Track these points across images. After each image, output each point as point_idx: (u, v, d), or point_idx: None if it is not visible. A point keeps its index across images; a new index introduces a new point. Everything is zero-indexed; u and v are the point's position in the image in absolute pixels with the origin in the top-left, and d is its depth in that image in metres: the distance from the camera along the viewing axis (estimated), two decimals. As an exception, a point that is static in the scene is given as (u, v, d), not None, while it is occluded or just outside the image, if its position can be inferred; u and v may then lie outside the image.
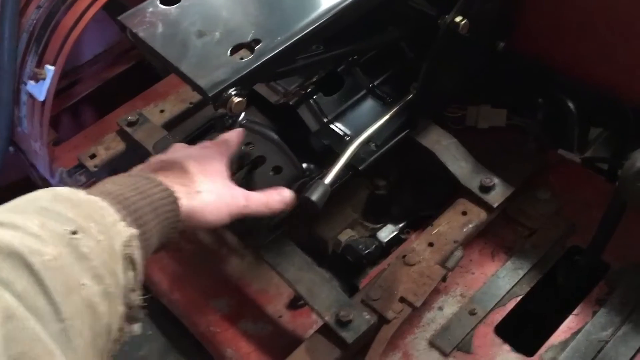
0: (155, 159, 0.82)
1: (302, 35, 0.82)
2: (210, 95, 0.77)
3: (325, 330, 0.92)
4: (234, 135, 0.91)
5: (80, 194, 0.61)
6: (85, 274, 0.54)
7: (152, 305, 1.07)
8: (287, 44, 0.80)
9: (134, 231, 0.61)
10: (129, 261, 0.59)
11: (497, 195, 1.03)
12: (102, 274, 0.55)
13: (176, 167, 0.77)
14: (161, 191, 0.69)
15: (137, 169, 0.79)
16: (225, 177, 0.82)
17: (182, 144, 0.88)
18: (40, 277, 0.50)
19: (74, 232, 0.55)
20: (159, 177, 0.71)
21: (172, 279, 1.08)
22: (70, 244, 0.54)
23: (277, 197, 0.87)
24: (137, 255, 0.60)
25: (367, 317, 0.90)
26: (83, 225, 0.56)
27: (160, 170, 0.75)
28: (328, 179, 0.93)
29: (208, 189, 0.77)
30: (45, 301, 0.49)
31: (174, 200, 0.70)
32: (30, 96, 1.22)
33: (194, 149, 0.85)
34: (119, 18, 0.86)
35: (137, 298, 0.60)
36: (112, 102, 1.40)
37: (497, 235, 1.08)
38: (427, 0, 1.06)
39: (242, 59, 0.79)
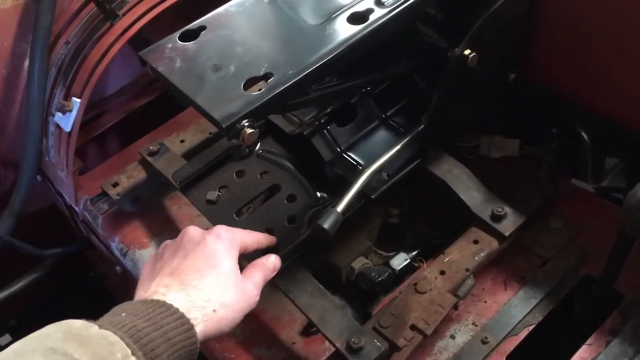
0: (168, 256, 0.80)
1: (313, 70, 0.85)
2: (224, 126, 0.80)
3: (336, 357, 0.93)
4: (254, 237, 0.90)
5: (92, 330, 0.62)
6: None
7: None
8: (297, 78, 0.84)
9: None
10: None
11: (509, 224, 1.04)
12: None
13: (188, 281, 0.76)
14: (176, 319, 0.69)
15: (150, 267, 0.80)
16: (237, 275, 0.81)
17: (195, 230, 0.83)
18: None
19: None
20: (173, 297, 0.72)
21: (188, 305, 1.10)
22: None
23: (272, 267, 0.89)
24: None
25: (378, 344, 0.90)
26: None
27: (173, 284, 0.75)
28: (340, 207, 0.95)
29: (222, 302, 0.76)
30: None
31: (189, 329, 0.70)
32: (58, 127, 1.27)
33: (207, 244, 0.81)
34: (139, 54, 0.90)
35: None
36: (136, 132, 1.44)
37: (510, 264, 1.08)
38: (438, 33, 1.09)
39: (254, 92, 0.82)
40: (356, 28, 0.90)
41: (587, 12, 1.01)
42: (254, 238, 0.90)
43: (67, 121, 1.24)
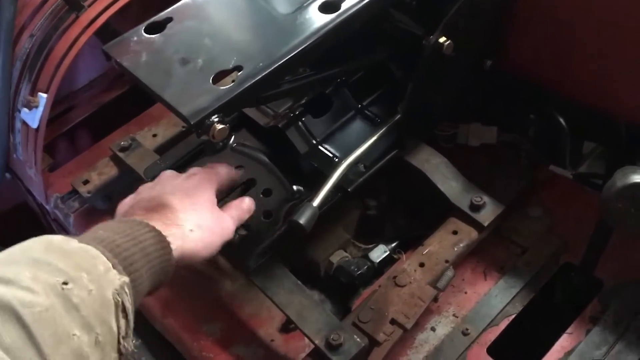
0: (145, 192, 0.83)
1: (284, 61, 0.82)
2: (192, 122, 0.77)
3: (316, 354, 0.92)
4: (224, 166, 0.92)
5: (72, 243, 0.62)
6: (76, 324, 0.55)
7: (145, 331, 1.09)
8: (268, 70, 0.81)
9: (125, 279, 0.62)
10: (121, 309, 0.60)
11: (488, 214, 1.03)
12: (93, 323, 0.56)
13: (165, 204, 0.78)
14: (153, 237, 0.70)
15: (127, 205, 0.82)
16: (213, 205, 0.84)
17: (170, 173, 0.89)
18: (29, 330, 0.51)
19: (65, 283, 0.56)
20: (151, 219, 0.72)
21: (164, 304, 1.08)
22: (61, 295, 0.55)
23: (245, 207, 0.90)
24: (129, 302, 0.61)
25: (357, 340, 0.89)
26: (74, 276, 0.57)
27: (151, 210, 0.76)
28: (316, 202, 0.93)
29: (199, 224, 0.78)
30: (33, 353, 0.50)
31: (166, 245, 0.71)
32: (24, 123, 1.23)
33: (182, 180, 0.85)
34: (103, 48, 0.87)
35: (129, 345, 0.61)
36: (107, 126, 1.41)
37: (489, 253, 1.07)
38: (413, 20, 1.07)
39: (224, 86, 0.80)
40: (328, 17, 0.88)
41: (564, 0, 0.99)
42: (229, 174, 0.93)
43: (33, 117, 1.20)
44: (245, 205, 0.90)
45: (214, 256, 1.08)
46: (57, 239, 0.62)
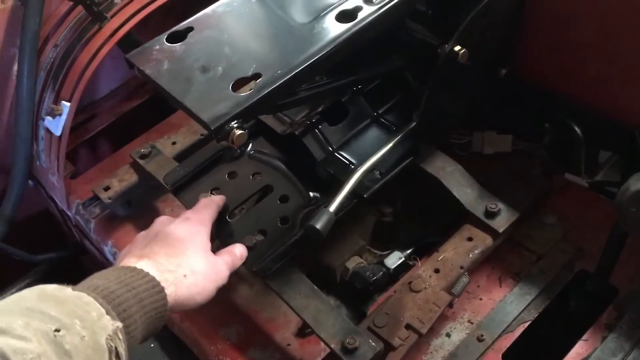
0: (139, 239, 0.85)
1: (302, 69, 0.84)
2: (212, 128, 0.79)
3: (332, 358, 0.93)
4: (214, 202, 0.94)
5: (66, 291, 0.64)
6: None
7: (163, 334, 1.10)
8: (286, 78, 0.83)
9: (118, 324, 0.63)
10: (115, 354, 0.62)
11: (503, 221, 1.03)
12: None
13: (159, 251, 0.79)
14: (147, 283, 0.71)
15: (125, 252, 0.82)
16: (207, 251, 0.84)
17: (165, 218, 0.89)
18: None
19: (57, 330, 0.58)
20: (145, 266, 0.73)
21: (182, 308, 1.09)
22: (53, 342, 0.57)
23: (238, 254, 0.91)
24: (122, 348, 0.63)
25: (373, 344, 0.90)
26: (67, 323, 0.59)
27: (144, 257, 0.77)
28: (332, 207, 0.94)
29: (192, 269, 0.79)
30: None
31: (160, 291, 0.72)
32: (48, 131, 1.26)
33: (175, 225, 0.85)
34: (126, 56, 0.89)
35: None
36: (128, 135, 1.44)
37: (504, 260, 1.08)
38: (428, 29, 1.08)
39: (243, 93, 0.82)
40: (345, 26, 0.89)
41: (576, 7, 1.00)
42: (217, 205, 0.94)
43: (57, 125, 1.23)
44: (237, 251, 0.90)
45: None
46: (50, 287, 0.64)
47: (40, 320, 0.58)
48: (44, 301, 0.61)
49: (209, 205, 0.92)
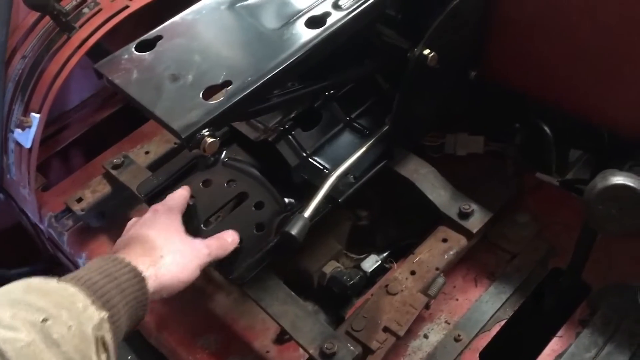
0: (120, 240, 0.85)
1: (272, 75, 0.84)
2: (183, 137, 0.79)
3: (311, 364, 0.93)
4: (179, 193, 0.94)
5: (51, 283, 0.65)
6: (57, 359, 0.57)
7: (141, 345, 1.09)
8: (257, 84, 0.83)
9: (104, 314, 0.64)
10: (101, 343, 0.63)
11: (476, 221, 1.05)
12: (74, 358, 0.59)
13: (137, 240, 0.81)
14: (128, 272, 0.72)
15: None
16: (181, 233, 0.86)
17: (135, 218, 0.91)
18: None
19: (45, 320, 0.59)
20: (126, 255, 0.74)
21: (159, 318, 1.08)
22: (41, 331, 0.58)
23: (229, 239, 0.91)
24: (109, 337, 0.64)
25: (351, 348, 0.90)
26: (54, 313, 0.60)
27: (125, 248, 0.79)
28: (307, 213, 0.95)
29: (171, 250, 0.80)
30: None
31: (140, 280, 0.73)
32: (17, 144, 1.24)
33: (147, 217, 0.87)
34: (95, 66, 0.89)
35: None
36: (100, 145, 1.42)
37: (479, 260, 1.09)
38: (398, 34, 1.09)
39: (214, 101, 0.81)
40: (314, 32, 0.90)
41: (537, 9, 1.02)
42: (185, 197, 0.94)
43: (26, 137, 1.22)
44: (228, 237, 0.91)
45: (207, 270, 1.11)
46: (36, 280, 0.64)
47: (28, 311, 0.59)
48: (29, 293, 0.62)
49: (173, 197, 0.93)
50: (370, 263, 1.10)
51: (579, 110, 1.07)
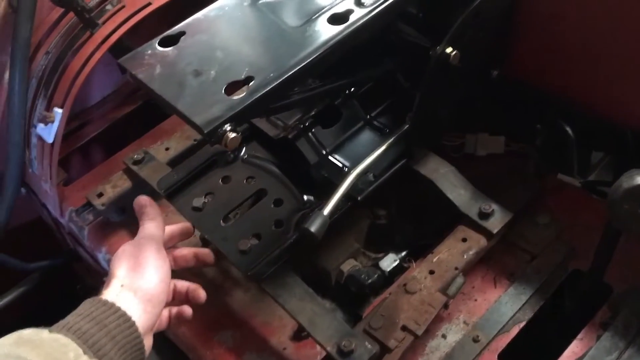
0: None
1: (294, 72, 0.84)
2: (205, 131, 0.79)
3: (328, 361, 0.93)
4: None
5: (42, 334, 0.65)
6: None
7: (159, 340, 1.10)
8: (279, 81, 0.83)
9: None
10: None
11: (497, 222, 1.04)
12: None
13: (112, 274, 0.80)
14: (117, 318, 0.72)
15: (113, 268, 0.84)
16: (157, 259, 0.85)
17: (127, 243, 0.89)
18: None
19: None
20: (116, 295, 0.75)
21: (177, 313, 1.09)
22: None
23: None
24: None
25: (369, 346, 0.90)
26: None
27: (107, 285, 0.79)
28: (327, 210, 0.95)
29: (139, 285, 0.80)
30: None
31: (131, 325, 0.73)
32: (40, 138, 1.26)
33: (129, 245, 0.87)
34: (119, 61, 0.89)
35: None
36: (120, 141, 1.43)
37: (499, 261, 1.08)
38: (420, 32, 1.09)
39: (236, 96, 0.82)
40: (337, 29, 0.90)
41: (559, 8, 1.01)
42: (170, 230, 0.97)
43: (49, 132, 1.23)
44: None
45: (225, 266, 1.11)
46: (27, 332, 0.65)
47: None
48: (20, 346, 0.62)
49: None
50: (389, 262, 1.10)
51: (603, 110, 1.06)
